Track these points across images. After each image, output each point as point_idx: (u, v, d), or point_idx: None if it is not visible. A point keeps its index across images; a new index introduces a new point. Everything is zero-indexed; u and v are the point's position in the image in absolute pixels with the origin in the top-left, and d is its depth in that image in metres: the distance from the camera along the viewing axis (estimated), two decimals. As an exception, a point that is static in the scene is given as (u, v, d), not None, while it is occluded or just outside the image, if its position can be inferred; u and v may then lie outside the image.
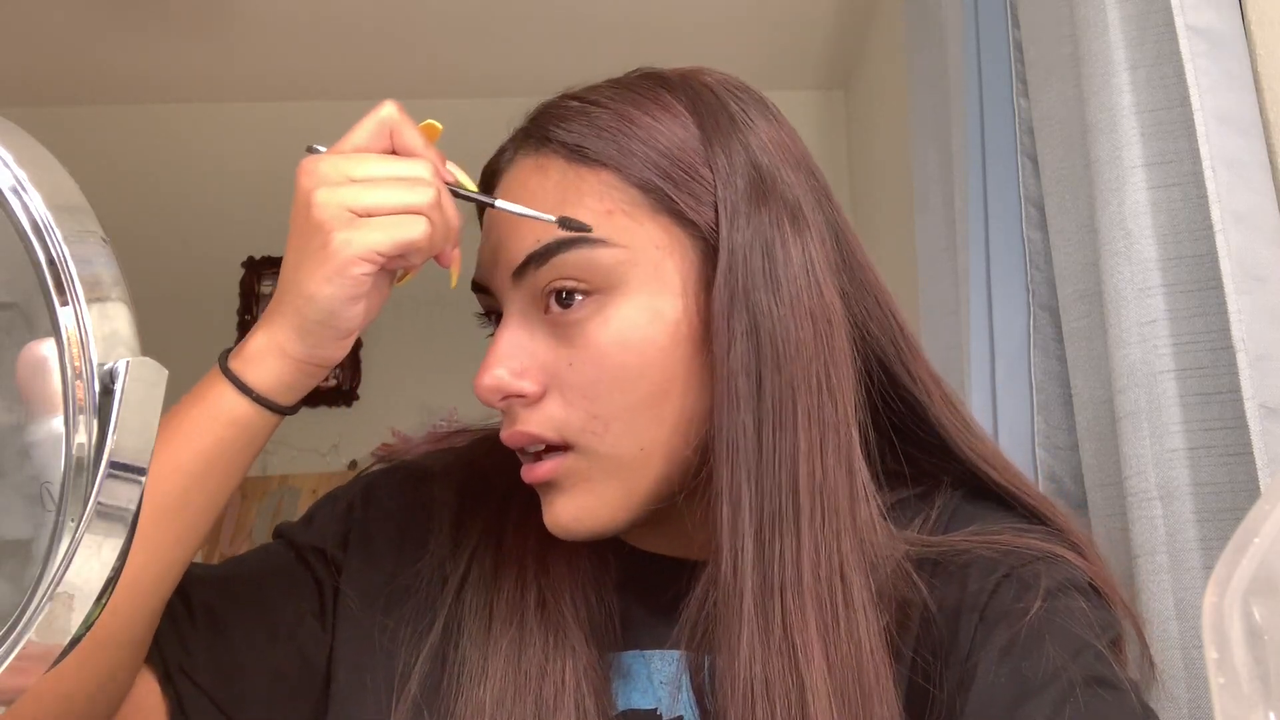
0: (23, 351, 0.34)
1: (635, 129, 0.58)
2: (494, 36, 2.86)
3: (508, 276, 0.58)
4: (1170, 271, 0.83)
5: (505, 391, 0.56)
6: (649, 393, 0.56)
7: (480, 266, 0.61)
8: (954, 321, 1.42)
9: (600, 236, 0.56)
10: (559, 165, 0.58)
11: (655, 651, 0.61)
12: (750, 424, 0.55)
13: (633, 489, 0.57)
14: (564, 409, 0.56)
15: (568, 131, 0.58)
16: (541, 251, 0.56)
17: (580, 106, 0.59)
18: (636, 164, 0.57)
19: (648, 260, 0.56)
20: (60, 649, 0.31)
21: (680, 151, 0.58)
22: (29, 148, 0.35)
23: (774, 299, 0.56)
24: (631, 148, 0.57)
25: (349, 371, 3.10)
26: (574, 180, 0.58)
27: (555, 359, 0.57)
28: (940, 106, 1.46)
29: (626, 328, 0.56)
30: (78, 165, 0.37)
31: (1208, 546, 0.79)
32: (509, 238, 0.58)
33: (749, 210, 0.57)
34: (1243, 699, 0.28)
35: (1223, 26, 0.81)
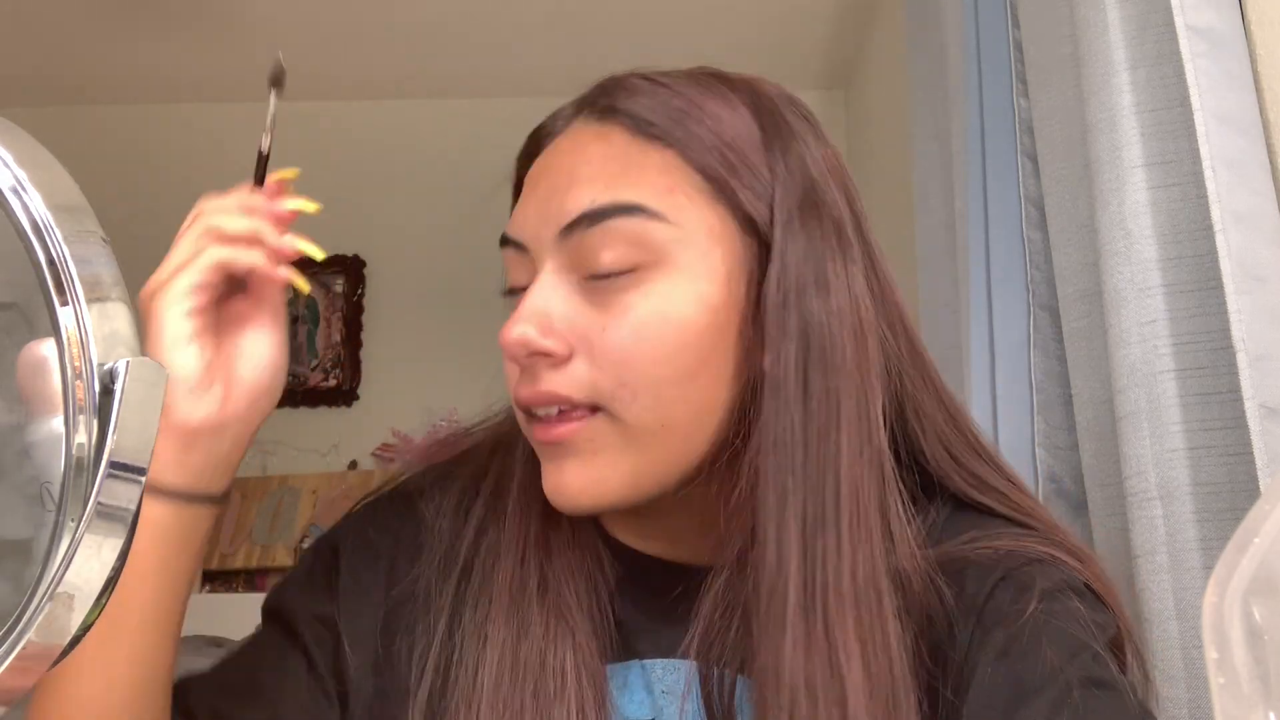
0: (23, 351, 0.34)
1: (702, 115, 0.58)
2: (494, 36, 2.86)
3: (553, 232, 0.57)
4: (1170, 271, 0.83)
5: (532, 348, 0.55)
6: (679, 372, 0.55)
7: (518, 220, 0.60)
8: (954, 321, 1.42)
9: (658, 210, 0.55)
10: (622, 136, 0.58)
11: (658, 661, 0.60)
12: (798, 423, 0.55)
13: (645, 465, 0.56)
14: (593, 372, 0.55)
15: (635, 105, 0.58)
16: (595, 212, 0.55)
17: (648, 85, 0.59)
18: (700, 148, 0.57)
19: (698, 244, 0.56)
20: (60, 649, 0.31)
21: (742, 145, 0.58)
22: (29, 148, 0.35)
23: (824, 307, 0.56)
24: (697, 131, 0.57)
25: (349, 371, 3.10)
26: (637, 153, 0.57)
27: (588, 323, 0.55)
28: (940, 106, 1.46)
29: (668, 304, 0.55)
30: (78, 165, 0.37)
31: (1208, 546, 0.79)
32: (562, 195, 0.57)
33: (802, 219, 0.57)
34: (1243, 699, 0.28)
35: (1223, 26, 0.81)
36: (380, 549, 0.67)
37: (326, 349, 3.14)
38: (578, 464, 0.56)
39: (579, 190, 0.56)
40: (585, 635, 0.59)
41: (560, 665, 0.58)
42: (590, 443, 0.55)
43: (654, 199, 0.56)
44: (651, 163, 0.57)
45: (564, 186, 0.57)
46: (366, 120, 3.24)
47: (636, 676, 0.60)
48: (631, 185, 0.56)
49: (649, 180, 0.56)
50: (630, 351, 0.55)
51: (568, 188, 0.57)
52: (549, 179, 0.59)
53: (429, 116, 3.22)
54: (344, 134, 3.25)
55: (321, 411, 3.11)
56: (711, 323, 0.56)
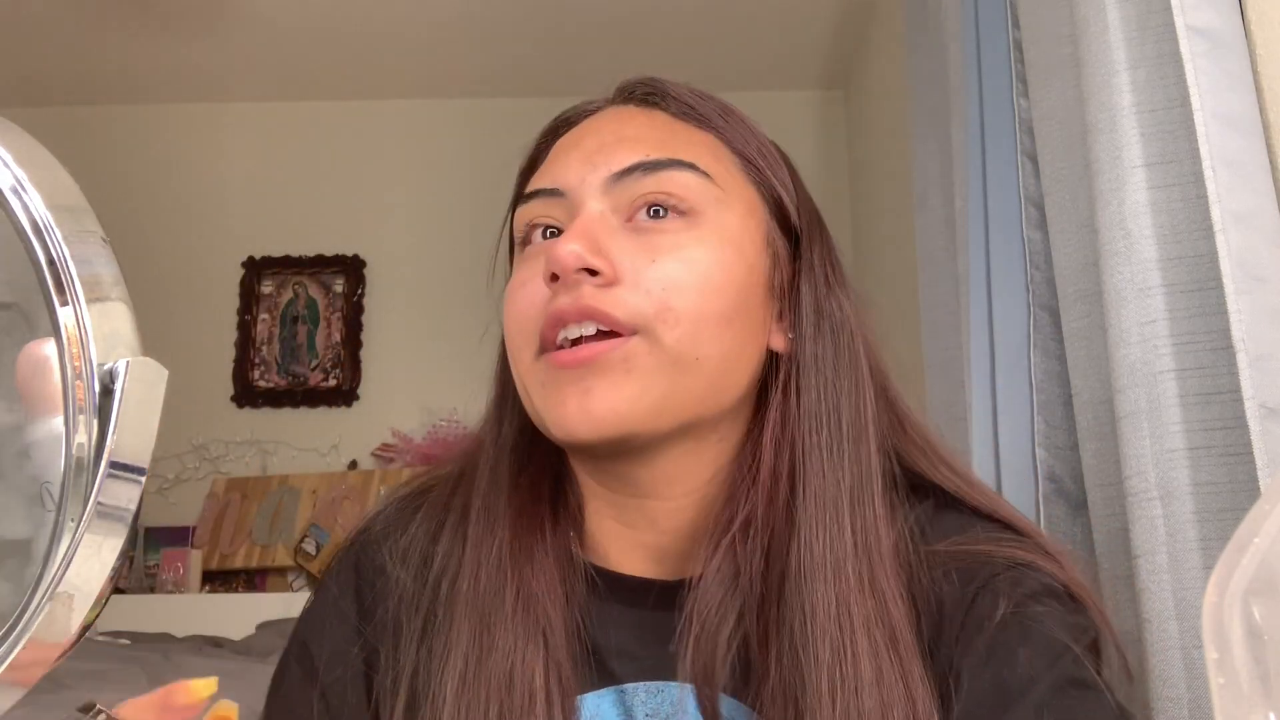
0: (23, 351, 0.34)
1: (733, 114, 0.64)
2: (494, 36, 2.86)
3: (603, 178, 0.59)
4: (1170, 271, 0.83)
5: (583, 263, 0.55)
6: (721, 310, 0.57)
7: (554, 172, 0.61)
8: (954, 321, 1.42)
9: (709, 172, 0.60)
10: (666, 118, 0.63)
11: (640, 684, 0.60)
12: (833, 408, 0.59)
13: (675, 394, 0.56)
14: (640, 295, 0.56)
15: (681, 97, 0.64)
16: (653, 163, 0.59)
17: (688, 87, 0.65)
18: (739, 138, 0.63)
19: (739, 211, 0.60)
20: (60, 649, 0.31)
21: (770, 148, 0.65)
22: (29, 148, 0.35)
23: (843, 309, 0.63)
24: (734, 125, 0.64)
25: (349, 371, 3.10)
26: (682, 130, 0.62)
27: (637, 254, 0.57)
28: (940, 107, 1.46)
29: (714, 251, 0.58)
30: (78, 165, 0.37)
31: (1208, 546, 0.79)
32: (612, 149, 0.60)
33: (820, 232, 0.65)
34: (1243, 699, 0.28)
35: (1223, 26, 0.81)
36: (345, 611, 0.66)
37: (326, 349, 3.14)
38: (607, 383, 0.55)
39: (631, 145, 0.60)
40: (557, 652, 0.58)
41: (528, 683, 0.57)
42: (625, 362, 0.55)
43: (705, 162, 0.60)
44: (698, 139, 0.62)
45: (612, 143, 0.60)
46: (366, 120, 3.24)
47: (611, 705, 0.59)
48: (684, 148, 0.60)
49: (699, 148, 0.61)
50: (678, 281, 0.56)
51: (617, 144, 0.60)
52: (594, 138, 0.62)
53: (429, 116, 3.22)
54: (344, 134, 3.25)
55: (321, 411, 3.11)
56: (746, 281, 0.59)
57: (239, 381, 3.09)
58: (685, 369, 0.56)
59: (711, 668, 0.56)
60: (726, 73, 3.04)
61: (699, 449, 0.60)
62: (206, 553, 2.88)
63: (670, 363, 0.56)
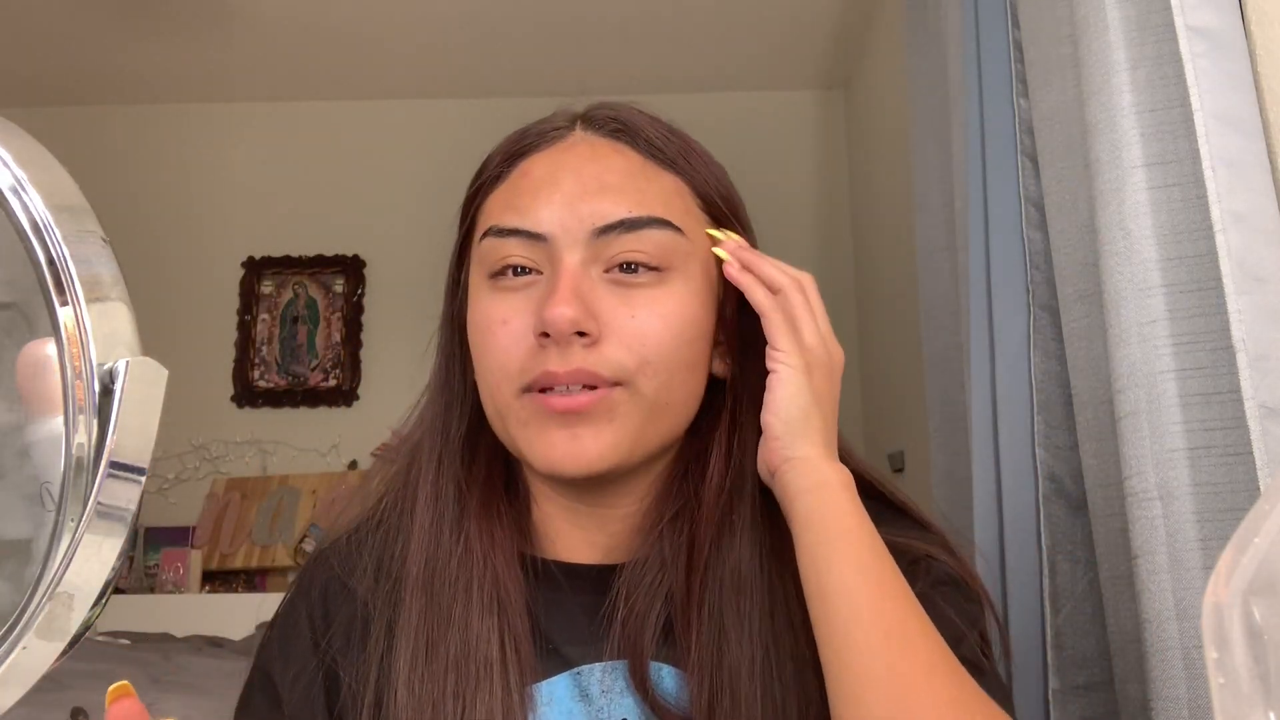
0: (23, 351, 0.34)
1: (696, 156, 0.68)
2: (494, 36, 2.86)
3: (587, 231, 0.62)
4: (1170, 271, 0.83)
5: (579, 326, 0.60)
6: (688, 359, 0.64)
7: (538, 214, 0.63)
8: (954, 321, 1.42)
9: (681, 227, 0.64)
10: (636, 157, 0.66)
11: (597, 665, 0.63)
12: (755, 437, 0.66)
13: (649, 433, 0.63)
14: (622, 352, 0.61)
15: (645, 131, 0.67)
16: (634, 221, 0.63)
17: (647, 118, 0.68)
18: (700, 181, 0.67)
19: (702, 259, 0.65)
20: (60, 649, 0.31)
21: (722, 180, 0.69)
22: (29, 148, 0.35)
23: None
24: (695, 164, 0.67)
25: (349, 371, 3.10)
26: (654, 173, 0.66)
27: (616, 311, 0.62)
28: (940, 107, 1.46)
29: (684, 302, 0.64)
30: (78, 165, 0.37)
31: (1208, 546, 0.79)
32: (596, 198, 0.63)
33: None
34: (1243, 699, 0.28)
35: (1223, 26, 0.81)
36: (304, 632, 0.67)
37: (326, 349, 3.14)
38: (594, 431, 0.61)
39: (615, 197, 0.63)
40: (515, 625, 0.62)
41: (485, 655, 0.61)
42: (609, 412, 0.61)
43: (677, 217, 0.64)
44: (668, 185, 0.66)
45: (595, 190, 0.63)
46: (366, 120, 3.24)
47: (565, 689, 0.62)
48: (660, 203, 0.64)
49: (670, 200, 0.65)
50: (656, 336, 0.62)
51: (600, 192, 0.63)
52: (574, 179, 0.64)
53: (429, 116, 3.22)
54: (344, 134, 3.25)
55: (321, 411, 3.11)
56: (706, 325, 0.65)
57: (239, 381, 3.09)
58: (659, 413, 0.63)
59: (640, 644, 0.61)
60: (727, 73, 3.04)
61: (652, 466, 0.67)
62: (206, 553, 2.88)
63: (647, 409, 0.62)
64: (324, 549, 0.71)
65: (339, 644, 0.65)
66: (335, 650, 0.65)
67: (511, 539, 0.66)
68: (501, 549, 0.65)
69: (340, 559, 0.69)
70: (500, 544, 0.65)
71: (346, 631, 0.66)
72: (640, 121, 0.67)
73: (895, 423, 2.49)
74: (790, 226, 3.02)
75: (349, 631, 0.65)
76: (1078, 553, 1.01)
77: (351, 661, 0.64)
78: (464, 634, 0.62)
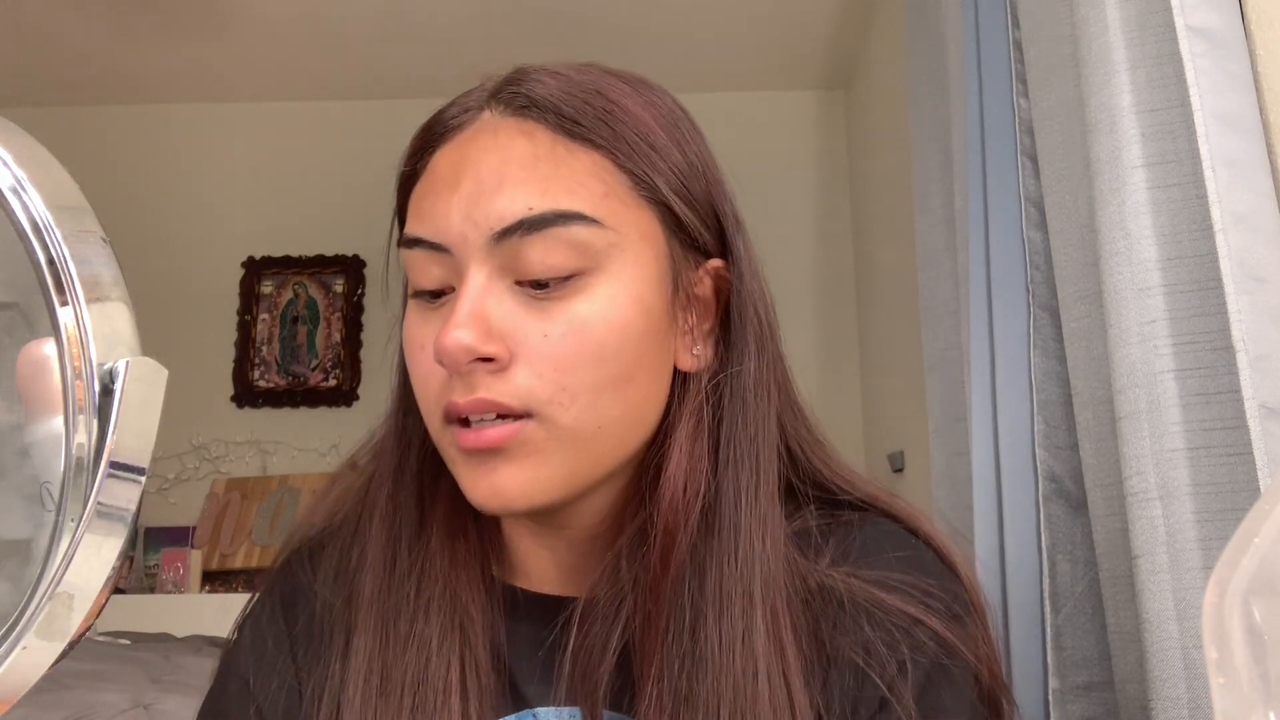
0: (23, 351, 0.34)
1: (625, 115, 0.57)
2: (494, 37, 2.86)
3: (484, 236, 0.54)
4: (1170, 271, 0.83)
5: (476, 354, 0.53)
6: (618, 373, 0.55)
7: (435, 220, 0.56)
8: (954, 321, 1.42)
9: (597, 217, 0.54)
10: (547, 135, 0.56)
11: (550, 709, 0.59)
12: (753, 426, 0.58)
13: (580, 467, 0.55)
14: (532, 379, 0.53)
15: (559, 102, 0.56)
16: (535, 220, 0.53)
17: (566, 82, 0.58)
18: (627, 150, 0.56)
19: (633, 246, 0.56)
20: (60, 649, 0.31)
21: (665, 147, 0.58)
22: (29, 148, 0.35)
23: (769, 317, 0.60)
24: (623, 133, 0.57)
25: (349, 372, 3.10)
26: (564, 154, 0.56)
27: (528, 329, 0.54)
28: (940, 106, 1.46)
29: (609, 309, 0.55)
30: (78, 165, 0.37)
31: (1208, 546, 0.79)
32: (492, 198, 0.54)
33: (737, 223, 0.61)
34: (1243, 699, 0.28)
35: (1223, 26, 0.81)
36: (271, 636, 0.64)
37: (326, 349, 3.14)
38: (513, 468, 0.54)
39: (513, 193, 0.54)
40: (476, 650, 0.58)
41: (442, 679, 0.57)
42: (524, 446, 0.54)
43: (591, 205, 0.55)
44: (582, 165, 0.56)
45: (493, 187, 0.54)
46: (367, 120, 3.24)
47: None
48: (568, 191, 0.54)
49: (583, 184, 0.55)
50: (572, 357, 0.54)
51: (497, 189, 0.54)
52: (472, 177, 0.55)
53: (429, 117, 3.22)
54: (344, 134, 3.25)
55: (321, 411, 3.11)
56: (647, 324, 0.56)
57: (239, 381, 3.09)
58: (587, 441, 0.55)
59: (592, 686, 0.56)
60: (727, 73, 3.04)
61: (611, 484, 0.59)
62: (206, 553, 2.89)
63: (569, 440, 0.54)
64: (289, 556, 0.67)
65: (301, 656, 0.62)
66: (299, 663, 0.62)
67: (476, 558, 0.61)
68: (465, 568, 0.60)
69: (303, 566, 0.65)
70: (463, 562, 0.60)
71: (306, 643, 0.62)
72: (553, 90, 0.57)
73: (895, 423, 2.49)
74: (790, 226, 3.02)
75: (309, 643, 0.62)
76: (1078, 553, 1.01)
77: (310, 675, 0.61)
78: (421, 655, 0.57)
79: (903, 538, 0.61)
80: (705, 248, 0.60)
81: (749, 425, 0.58)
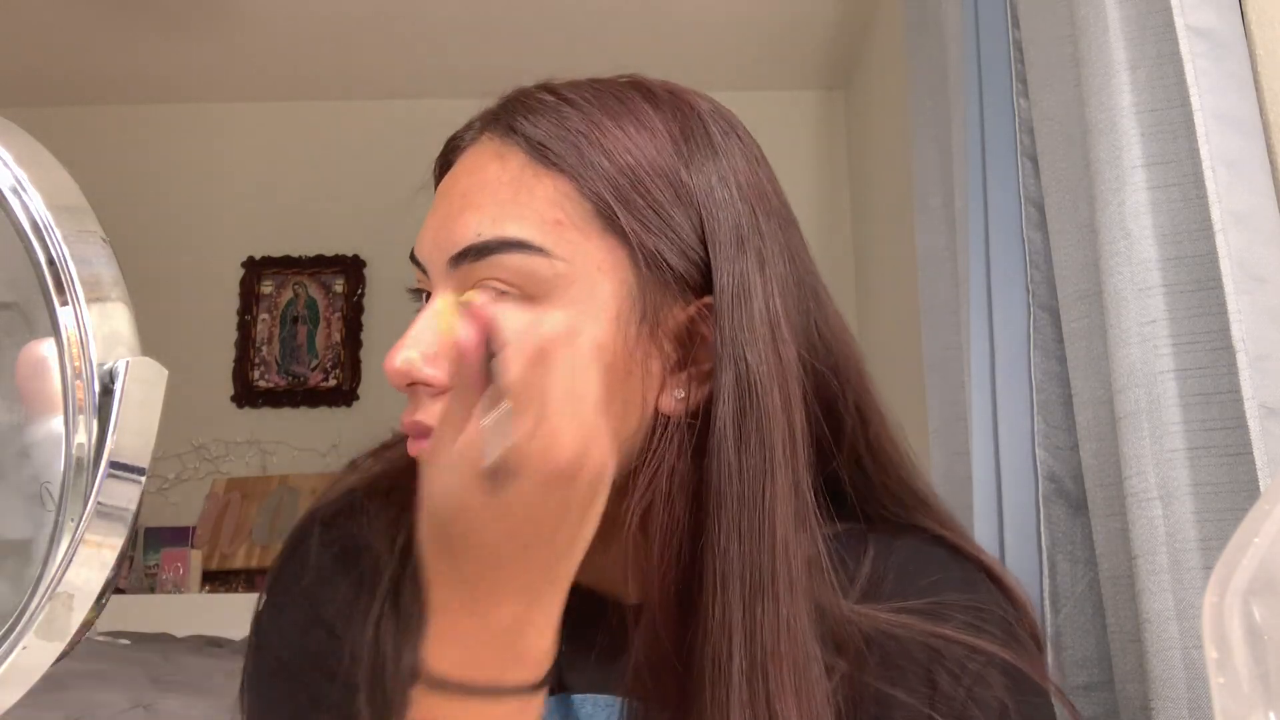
0: (23, 351, 0.34)
1: (603, 139, 0.55)
2: (494, 36, 2.85)
3: (444, 260, 0.56)
4: (1170, 271, 0.83)
5: (413, 377, 0.55)
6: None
7: (421, 239, 0.58)
8: (954, 321, 1.42)
9: (543, 246, 0.53)
10: (519, 159, 0.56)
11: (587, 696, 0.59)
12: (736, 481, 0.54)
13: None
14: None
15: (534, 126, 0.56)
16: (480, 246, 0.54)
17: (554, 103, 0.57)
18: (594, 176, 0.55)
19: (585, 280, 0.54)
20: (60, 649, 0.31)
21: (646, 173, 0.55)
22: (29, 148, 0.35)
23: (756, 354, 0.55)
24: (593, 158, 0.55)
25: (349, 372, 3.10)
26: (530, 179, 0.55)
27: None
28: (940, 107, 1.46)
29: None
30: (78, 165, 0.37)
31: (1208, 546, 0.79)
32: (454, 222, 0.56)
33: (734, 254, 0.56)
34: (1243, 699, 0.28)
35: (1223, 26, 0.81)
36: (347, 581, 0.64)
37: (326, 349, 3.14)
38: None
39: (468, 219, 0.55)
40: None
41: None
42: None
43: (539, 233, 0.53)
44: (543, 191, 0.55)
45: (456, 212, 0.56)
46: (367, 120, 3.24)
47: (554, 714, 0.59)
48: (518, 218, 0.54)
49: (537, 211, 0.54)
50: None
51: (459, 214, 0.55)
52: (447, 201, 0.57)
53: (429, 116, 3.22)
54: (344, 134, 3.25)
55: (321, 411, 3.11)
56: (609, 361, 0.53)
57: (239, 381, 3.09)
58: None
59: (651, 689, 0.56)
60: (727, 72, 3.04)
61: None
62: (206, 553, 2.88)
63: None
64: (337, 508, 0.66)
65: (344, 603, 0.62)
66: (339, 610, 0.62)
67: None
68: None
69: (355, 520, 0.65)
70: None
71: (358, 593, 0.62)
72: (540, 113, 0.56)
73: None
74: (790, 226, 3.01)
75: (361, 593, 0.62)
76: (1078, 553, 1.01)
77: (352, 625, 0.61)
78: None
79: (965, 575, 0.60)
80: (690, 282, 0.56)
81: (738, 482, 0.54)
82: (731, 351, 0.55)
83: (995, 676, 0.56)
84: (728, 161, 0.58)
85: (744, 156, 0.59)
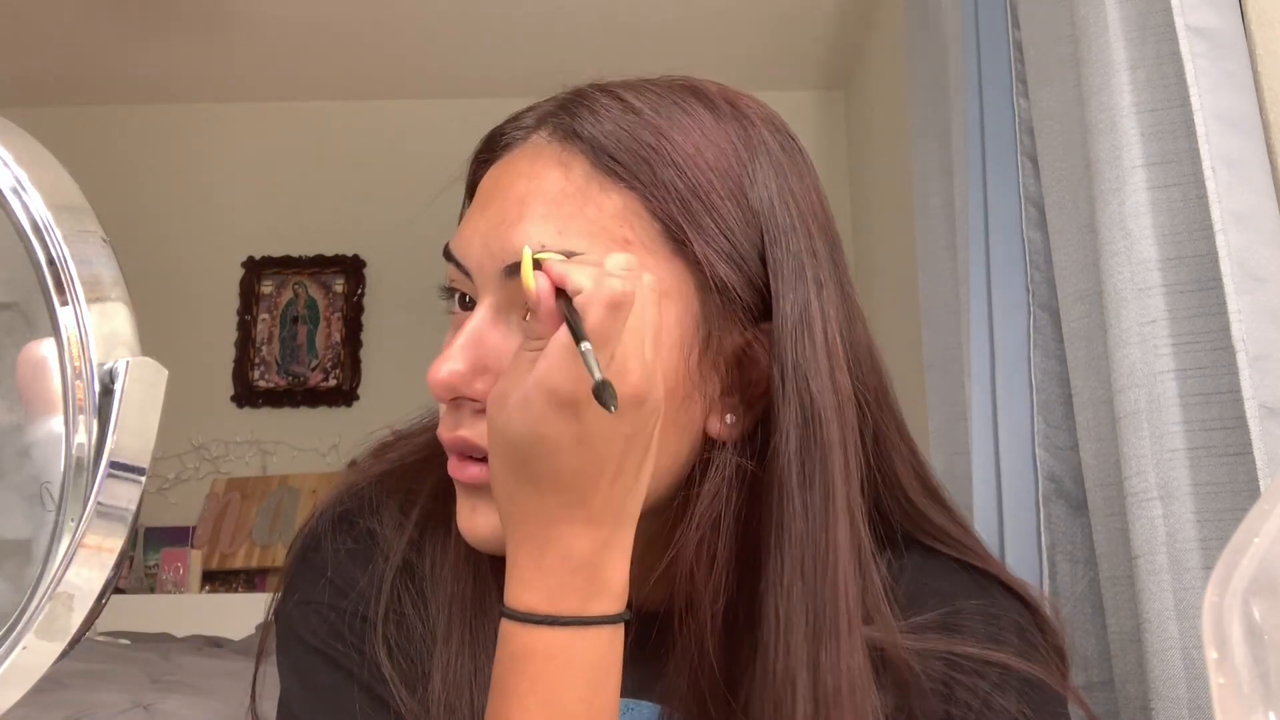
0: (23, 351, 0.34)
1: (672, 153, 0.53)
2: (493, 37, 2.85)
3: (497, 268, 0.53)
4: (1170, 271, 0.83)
5: (458, 392, 0.53)
6: None
7: (464, 238, 0.55)
8: (954, 321, 1.42)
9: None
10: (583, 168, 0.53)
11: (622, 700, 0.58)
12: (800, 520, 0.53)
13: None
14: None
15: (603, 136, 0.53)
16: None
17: (618, 108, 0.54)
18: (665, 197, 0.53)
19: (650, 303, 0.51)
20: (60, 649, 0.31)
21: (716, 194, 0.53)
22: (29, 148, 0.35)
23: (819, 386, 0.53)
24: (665, 177, 0.53)
25: (349, 371, 3.10)
26: (597, 193, 0.53)
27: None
28: (940, 107, 1.46)
29: None
30: (78, 165, 0.37)
31: (1208, 546, 0.79)
32: (512, 229, 0.52)
33: (794, 281, 0.54)
34: (1243, 699, 0.28)
35: (1223, 26, 0.81)
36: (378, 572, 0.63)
37: (326, 349, 3.14)
38: (487, 507, 0.53)
39: (530, 228, 0.52)
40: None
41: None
42: None
43: (609, 252, 0.50)
44: (613, 208, 0.52)
45: (514, 218, 0.53)
46: (367, 120, 3.24)
47: None
48: (586, 233, 0.52)
49: (605, 229, 0.52)
50: None
51: (517, 220, 0.53)
52: (500, 201, 0.54)
53: (429, 116, 3.22)
54: (344, 134, 3.25)
55: (321, 411, 3.11)
56: (667, 381, 0.52)
57: (239, 381, 3.09)
58: None
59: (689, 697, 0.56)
60: (727, 72, 3.03)
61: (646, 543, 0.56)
62: (206, 553, 2.88)
63: None
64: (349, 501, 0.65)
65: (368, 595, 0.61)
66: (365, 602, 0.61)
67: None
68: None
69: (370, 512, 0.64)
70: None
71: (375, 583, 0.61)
72: (602, 119, 0.54)
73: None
74: (790, 226, 3.01)
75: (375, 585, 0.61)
76: (1078, 553, 1.01)
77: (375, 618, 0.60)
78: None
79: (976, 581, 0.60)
80: (749, 305, 0.54)
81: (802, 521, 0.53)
82: (795, 385, 0.53)
83: (1012, 687, 0.56)
84: (787, 179, 0.56)
85: (800, 171, 0.57)
